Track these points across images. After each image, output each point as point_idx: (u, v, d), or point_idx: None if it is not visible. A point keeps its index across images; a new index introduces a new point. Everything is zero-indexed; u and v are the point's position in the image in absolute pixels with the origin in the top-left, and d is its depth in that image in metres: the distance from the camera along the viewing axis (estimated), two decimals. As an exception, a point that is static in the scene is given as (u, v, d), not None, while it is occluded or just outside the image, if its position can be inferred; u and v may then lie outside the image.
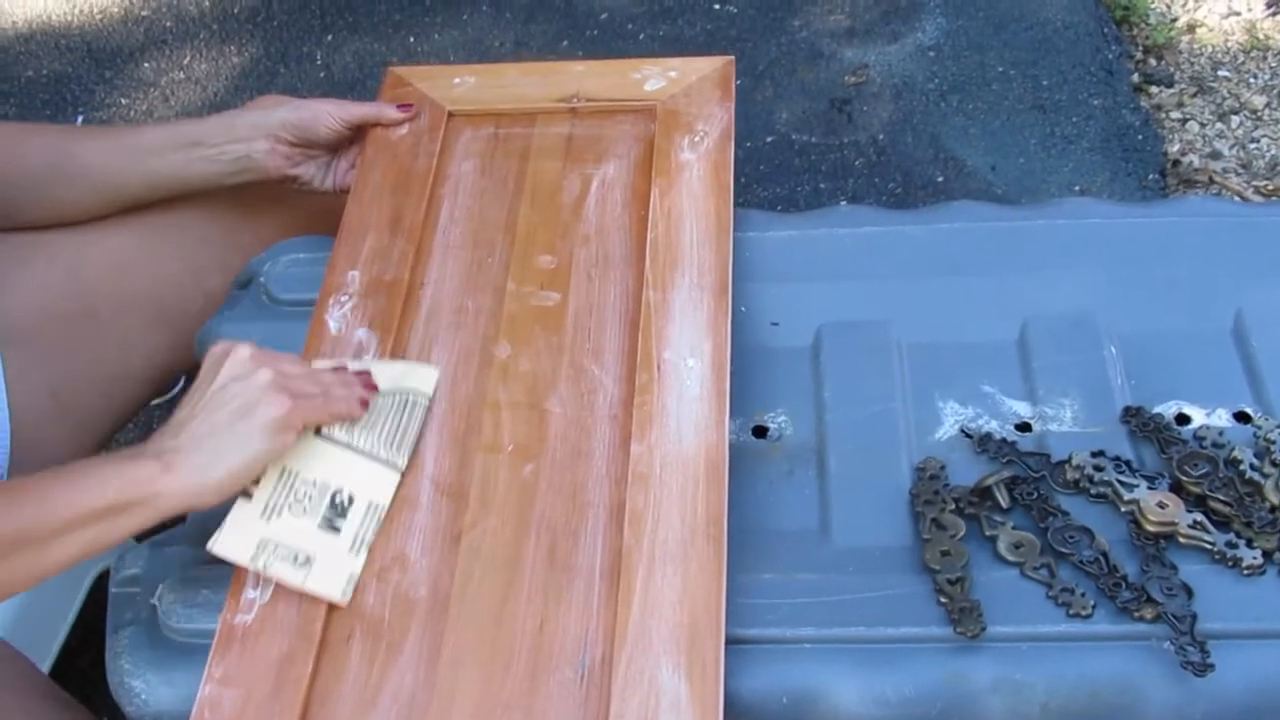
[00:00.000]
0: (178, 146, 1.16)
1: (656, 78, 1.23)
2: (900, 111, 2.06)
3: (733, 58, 1.25)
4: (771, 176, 1.97)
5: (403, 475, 0.94)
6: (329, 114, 1.17)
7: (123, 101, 2.33)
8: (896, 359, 1.05)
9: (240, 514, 0.89)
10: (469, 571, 0.90)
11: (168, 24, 2.49)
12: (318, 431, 0.92)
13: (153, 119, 2.28)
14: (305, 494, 0.90)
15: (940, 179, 1.94)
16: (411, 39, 2.36)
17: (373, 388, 0.96)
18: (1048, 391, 1.02)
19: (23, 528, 0.79)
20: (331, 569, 0.88)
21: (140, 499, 0.82)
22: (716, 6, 2.32)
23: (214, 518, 0.91)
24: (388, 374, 0.98)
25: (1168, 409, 1.00)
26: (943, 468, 0.98)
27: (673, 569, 0.86)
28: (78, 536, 0.81)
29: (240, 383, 0.87)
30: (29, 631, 1.18)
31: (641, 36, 2.28)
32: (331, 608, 0.88)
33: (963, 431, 1.01)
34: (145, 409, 1.70)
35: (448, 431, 0.98)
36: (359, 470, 0.92)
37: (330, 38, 2.39)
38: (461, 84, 1.23)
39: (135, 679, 0.91)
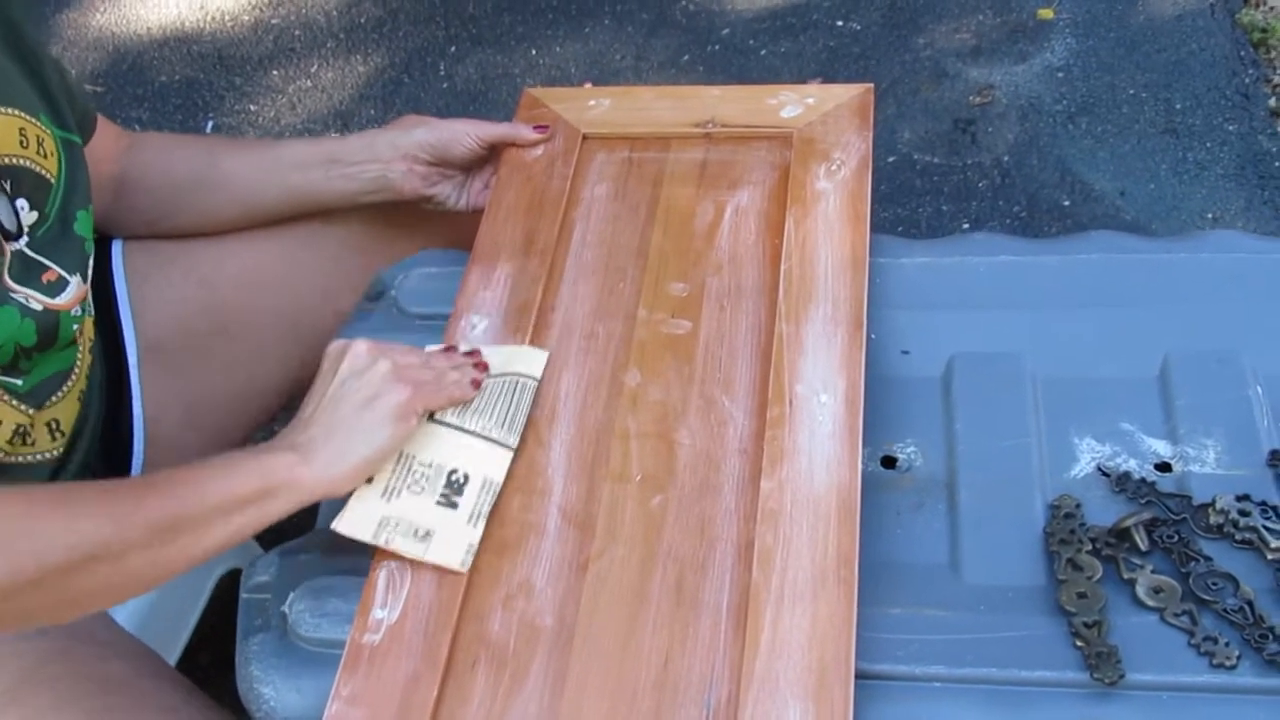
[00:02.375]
0: (318, 163, 1.18)
1: (794, 104, 1.21)
2: (1026, 133, 2.03)
3: (871, 85, 1.23)
4: (893, 197, 1.95)
5: (515, 454, 0.96)
6: (466, 134, 1.18)
7: (251, 108, 2.39)
8: (1031, 392, 1.03)
9: (362, 495, 0.92)
10: (595, 601, 0.89)
11: (296, 33, 2.55)
12: (431, 417, 0.95)
13: (285, 128, 2.33)
14: (422, 475, 0.93)
15: (1067, 203, 1.90)
16: (534, 51, 2.38)
17: (484, 367, 0.99)
18: (1189, 431, 0.99)
19: (183, 512, 0.83)
20: (451, 541, 0.91)
21: (282, 487, 0.86)
22: (840, 23, 2.30)
23: (337, 548, 0.93)
24: (496, 358, 1.01)
25: (1318, 454, 0.96)
26: (1078, 506, 0.95)
27: (802, 610, 0.85)
28: (229, 521, 0.85)
29: (360, 376, 0.91)
30: (157, 629, 1.20)
31: (763, 53, 2.27)
32: (458, 632, 0.88)
33: (1100, 469, 0.98)
34: (275, 419, 1.74)
35: (576, 459, 0.98)
36: (473, 451, 0.95)
37: (454, 49, 2.42)
38: (596, 106, 1.23)
39: (264, 685, 0.92)
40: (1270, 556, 0.90)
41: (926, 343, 1.08)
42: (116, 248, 1.21)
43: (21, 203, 0.96)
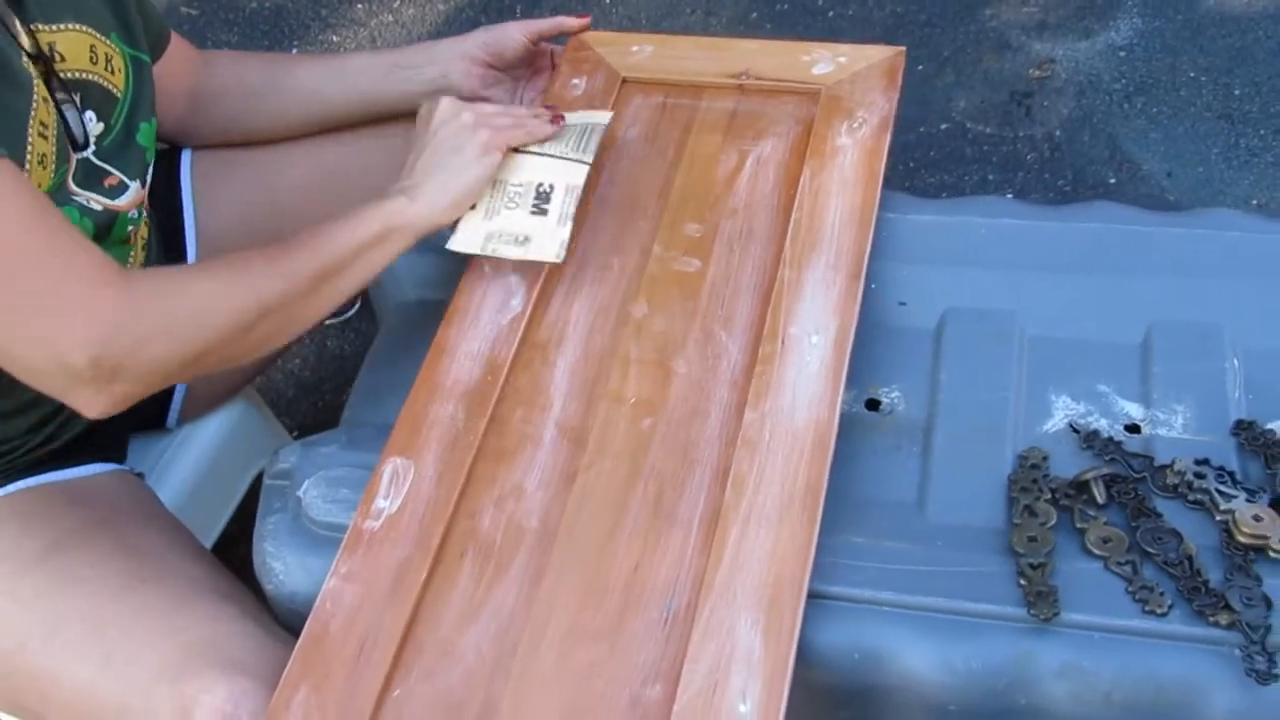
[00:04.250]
0: (382, 67, 1.26)
1: (826, 62, 1.26)
2: (1081, 109, 2.05)
3: (903, 49, 1.27)
4: (941, 164, 1.98)
5: (589, 168, 1.11)
6: (516, 29, 1.26)
7: (334, 39, 2.48)
8: (1017, 349, 1.08)
9: (468, 219, 1.08)
10: (578, 509, 0.97)
11: (383, -32, 2.63)
12: (517, 150, 1.11)
13: (359, 58, 2.42)
14: (515, 193, 1.10)
15: (1113, 180, 1.92)
16: (607, 0, 2.44)
17: (560, 116, 1.15)
18: (1162, 396, 1.03)
19: (330, 261, 0.99)
20: (545, 241, 1.07)
21: (400, 225, 1.02)
22: (909, -11, 2.33)
23: (358, 424, 1.01)
24: (571, 116, 1.17)
25: (1281, 427, 1.00)
26: (1045, 458, 1.00)
27: (766, 531, 0.91)
28: (363, 260, 1.01)
29: (447, 125, 1.07)
30: (196, 513, 1.30)
31: (831, 14, 2.31)
32: (450, 526, 0.96)
33: (1071, 426, 1.03)
34: (320, 327, 1.84)
35: (578, 379, 1.05)
36: (555, 167, 1.11)
37: (531, -8, 2.49)
38: (639, 52, 1.29)
39: (276, 561, 1.01)
40: (1218, 517, 0.94)
41: (923, 296, 1.13)
42: (185, 156, 1.31)
43: (89, 115, 1.04)
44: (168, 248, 1.27)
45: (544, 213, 1.09)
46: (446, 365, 1.04)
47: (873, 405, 1.07)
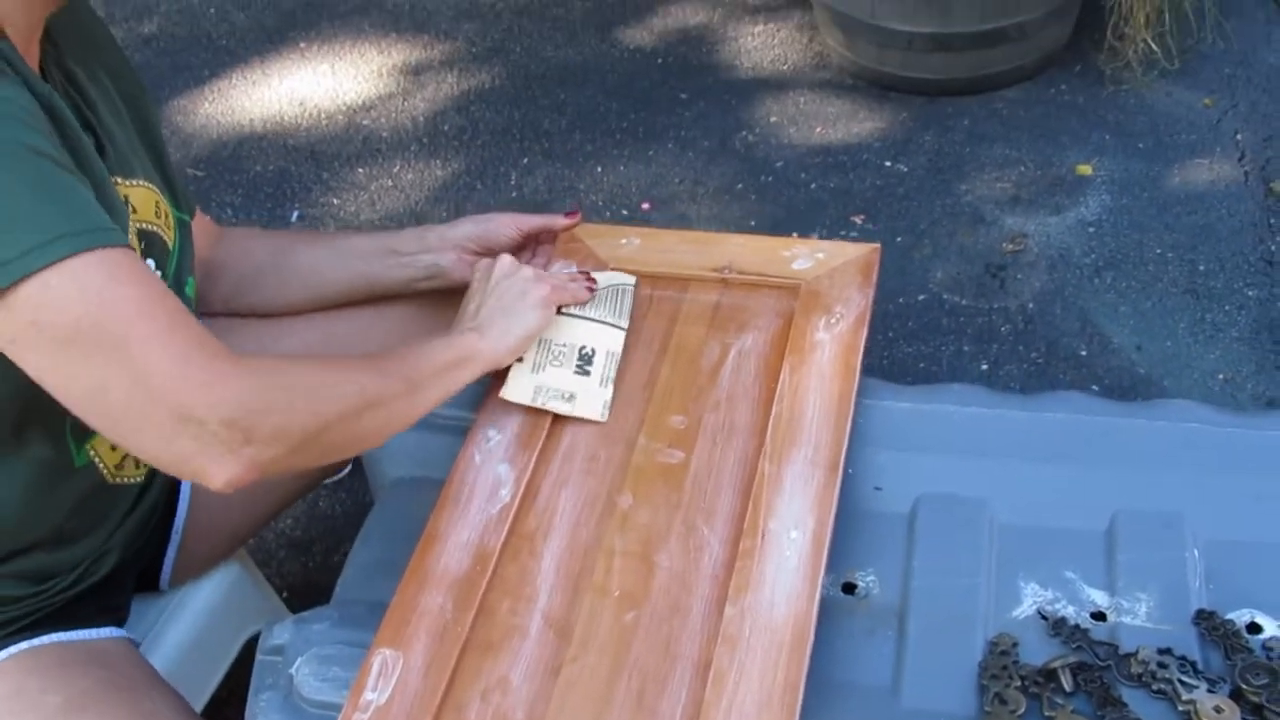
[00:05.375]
0: (378, 253, 1.33)
1: (805, 258, 1.33)
2: (1053, 282, 2.13)
3: (878, 246, 1.33)
4: (918, 334, 2.05)
5: (626, 333, 1.25)
6: (507, 224, 1.32)
7: (334, 201, 2.57)
8: (987, 535, 1.13)
9: (516, 371, 1.20)
10: (563, 704, 0.99)
11: (384, 134, 2.74)
12: (560, 311, 1.24)
13: (363, 222, 2.51)
14: (560, 352, 1.22)
15: (1084, 353, 1.99)
16: (599, 169, 2.54)
17: (593, 280, 1.28)
18: (1127, 585, 1.08)
19: (415, 372, 1.08)
20: (590, 400, 1.20)
21: (470, 356, 1.13)
22: (888, 164, 2.43)
23: (350, 602, 1.05)
24: (600, 276, 1.29)
25: (1240, 616, 1.04)
26: (1015, 645, 1.04)
27: (745, 729, 0.94)
28: (444, 379, 1.10)
29: (510, 278, 1.20)
30: (188, 677, 1.32)
31: (813, 186, 2.41)
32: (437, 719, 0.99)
33: (1039, 613, 1.07)
34: (315, 490, 1.88)
35: (563, 571, 1.09)
36: (595, 331, 1.24)
37: (526, 160, 2.59)
38: (626, 244, 1.36)
39: (269, 738, 1.04)
40: (1181, 707, 0.98)
41: (898, 481, 1.18)
42: None
43: (149, 263, 1.11)
44: None
45: (587, 374, 1.21)
46: (436, 554, 1.08)
47: (849, 589, 1.11)
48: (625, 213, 2.41)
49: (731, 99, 2.67)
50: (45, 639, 1.15)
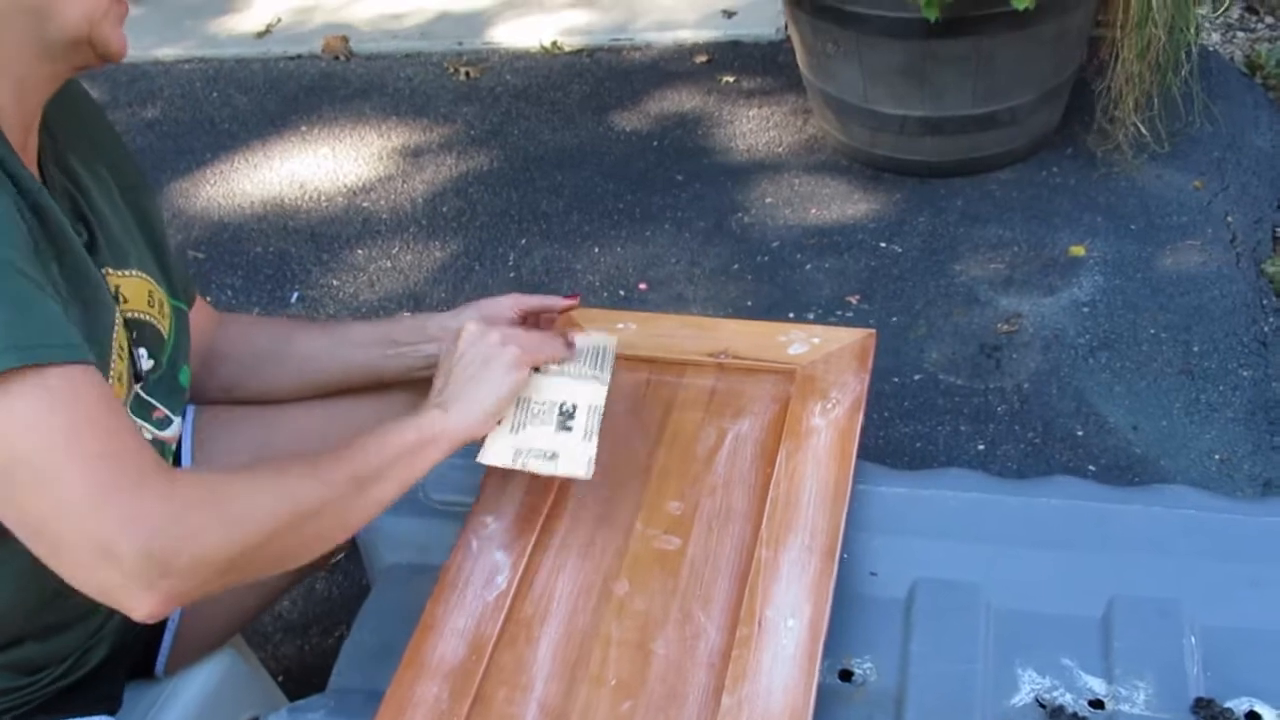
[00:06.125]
0: (376, 342, 1.34)
1: (801, 343, 1.34)
2: (1048, 363, 2.14)
3: (874, 332, 1.34)
4: (914, 414, 2.06)
5: (608, 387, 1.20)
6: (507, 307, 1.33)
7: (334, 283, 2.59)
8: (983, 621, 1.13)
9: (496, 434, 1.15)
10: (562, 792, 0.99)
11: (384, 216, 2.77)
12: (537, 369, 1.19)
13: (362, 303, 2.52)
14: (540, 410, 1.18)
15: (1080, 433, 2.00)
16: (596, 250, 2.56)
17: (572, 340, 1.24)
18: (1124, 672, 1.07)
19: (368, 466, 1.03)
20: (573, 457, 1.14)
21: (433, 436, 1.08)
22: (883, 245, 2.45)
23: (346, 691, 1.04)
24: (579, 338, 1.25)
25: (1239, 705, 1.04)
26: (1013, 734, 1.04)
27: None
28: (400, 468, 1.05)
29: (476, 345, 1.15)
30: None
31: (808, 267, 2.43)
32: None
33: (1038, 701, 1.07)
34: (312, 575, 1.87)
35: (560, 660, 1.08)
36: (574, 386, 1.20)
37: (524, 242, 2.61)
38: (624, 329, 1.37)
39: (262, 830, 1.03)
40: (1181, 797, 0.97)
41: (894, 566, 1.18)
42: (189, 411, 1.37)
43: (141, 351, 1.12)
44: None
45: (569, 429, 1.16)
46: (433, 643, 1.08)
47: (845, 676, 1.11)
48: (622, 293, 2.43)
49: (727, 180, 2.70)
50: None
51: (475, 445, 1.14)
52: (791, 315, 2.29)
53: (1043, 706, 1.06)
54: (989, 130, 2.51)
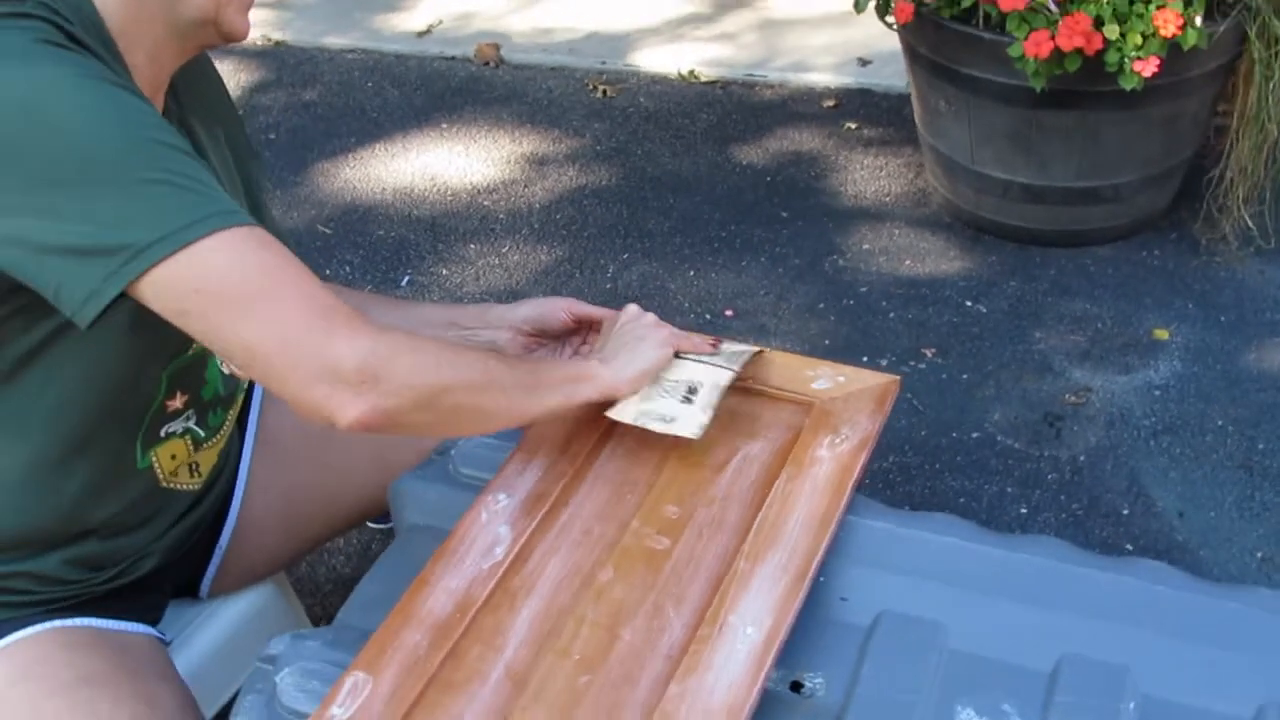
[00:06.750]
0: (441, 323, 1.46)
1: (826, 379, 1.41)
2: (1109, 439, 2.16)
3: (898, 378, 1.40)
4: (965, 470, 2.10)
5: (736, 376, 1.34)
6: (563, 309, 1.44)
7: (444, 272, 2.75)
8: (936, 658, 1.18)
9: (628, 399, 1.30)
10: (507, 754, 1.08)
11: (501, 215, 2.91)
12: (678, 355, 1.35)
13: (465, 294, 2.67)
14: (670, 387, 1.32)
15: (1125, 512, 2.02)
16: (691, 272, 2.66)
17: (717, 341, 1.39)
18: (1058, 725, 1.12)
19: (533, 378, 1.23)
20: (688, 421, 1.29)
21: (590, 376, 1.27)
22: (969, 304, 2.50)
23: (346, 627, 1.16)
24: (726, 342, 1.40)
25: (1161, 774, 1.08)
26: (940, 764, 1.10)
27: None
28: (556, 391, 1.24)
29: (635, 322, 1.35)
30: (208, 682, 1.45)
31: (891, 315, 2.49)
32: None
33: (970, 738, 1.13)
34: (358, 526, 2.01)
35: (534, 629, 1.18)
36: (706, 370, 1.35)
37: (625, 256, 2.73)
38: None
39: (245, 738, 1.15)
40: (1080, 846, 1.02)
41: (864, 595, 1.25)
42: (249, 441, 1.54)
43: None
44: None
45: (690, 402, 1.31)
46: (425, 596, 1.19)
47: (796, 687, 1.18)
48: (709, 317, 2.53)
49: (830, 222, 2.78)
50: (81, 621, 1.29)
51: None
52: (865, 359, 2.35)
53: (973, 744, 1.12)
54: (1092, 205, 2.53)
